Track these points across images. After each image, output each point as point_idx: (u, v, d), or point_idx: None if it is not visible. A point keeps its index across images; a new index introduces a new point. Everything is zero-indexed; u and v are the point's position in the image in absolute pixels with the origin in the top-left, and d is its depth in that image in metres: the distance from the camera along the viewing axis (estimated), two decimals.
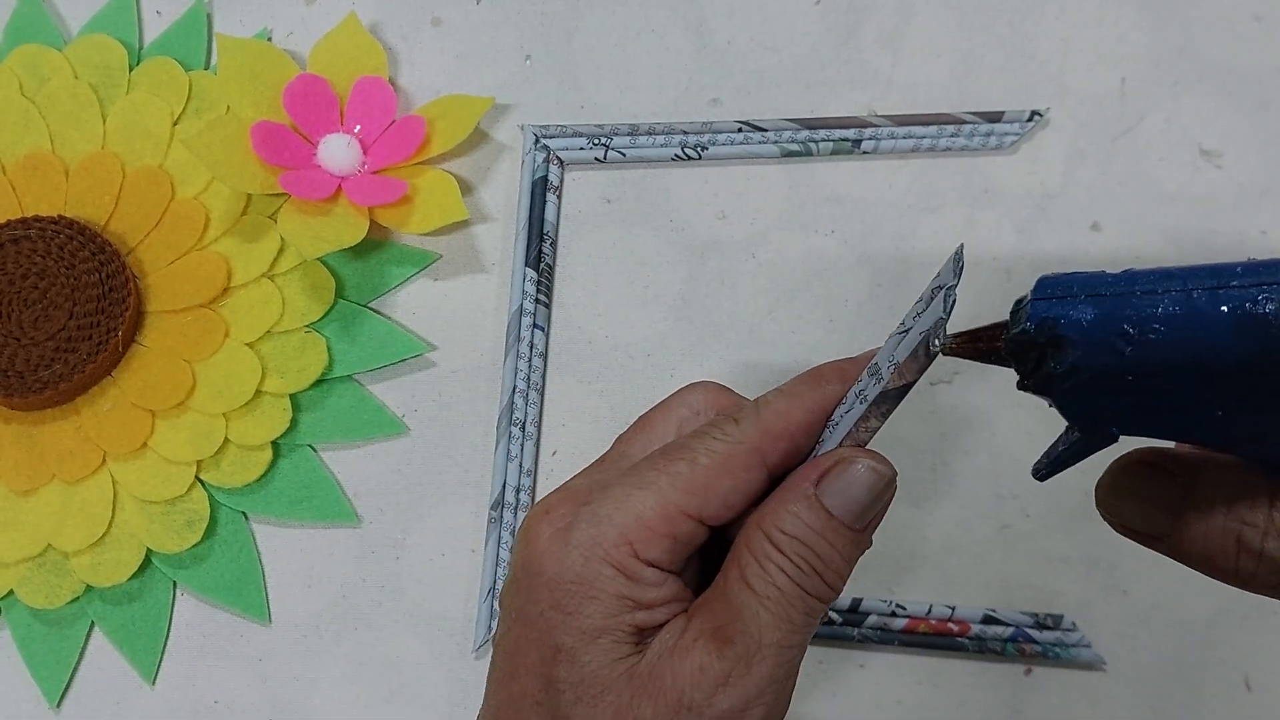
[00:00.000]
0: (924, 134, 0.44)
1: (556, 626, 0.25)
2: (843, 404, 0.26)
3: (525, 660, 0.25)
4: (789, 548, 0.24)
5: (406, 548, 0.41)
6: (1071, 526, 0.39)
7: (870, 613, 0.38)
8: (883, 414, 0.25)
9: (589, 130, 0.45)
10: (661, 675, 0.24)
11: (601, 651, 0.24)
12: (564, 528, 0.25)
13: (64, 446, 0.41)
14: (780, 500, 0.25)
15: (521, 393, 0.42)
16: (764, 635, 0.24)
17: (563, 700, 0.24)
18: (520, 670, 0.25)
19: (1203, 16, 0.45)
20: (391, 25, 0.48)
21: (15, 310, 0.42)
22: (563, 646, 0.25)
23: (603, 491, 0.26)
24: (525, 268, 0.43)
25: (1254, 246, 0.42)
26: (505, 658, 0.26)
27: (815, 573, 0.25)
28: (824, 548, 0.25)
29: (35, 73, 0.47)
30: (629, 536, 0.25)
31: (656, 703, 0.24)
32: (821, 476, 0.25)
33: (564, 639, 0.25)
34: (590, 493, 0.26)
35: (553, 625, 0.25)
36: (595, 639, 0.24)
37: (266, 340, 0.43)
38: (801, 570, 0.24)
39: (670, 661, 0.24)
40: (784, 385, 0.27)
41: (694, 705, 0.24)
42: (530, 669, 0.25)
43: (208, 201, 0.45)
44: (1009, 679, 0.38)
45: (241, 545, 0.41)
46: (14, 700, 0.40)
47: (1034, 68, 0.45)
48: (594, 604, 0.25)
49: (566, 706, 0.24)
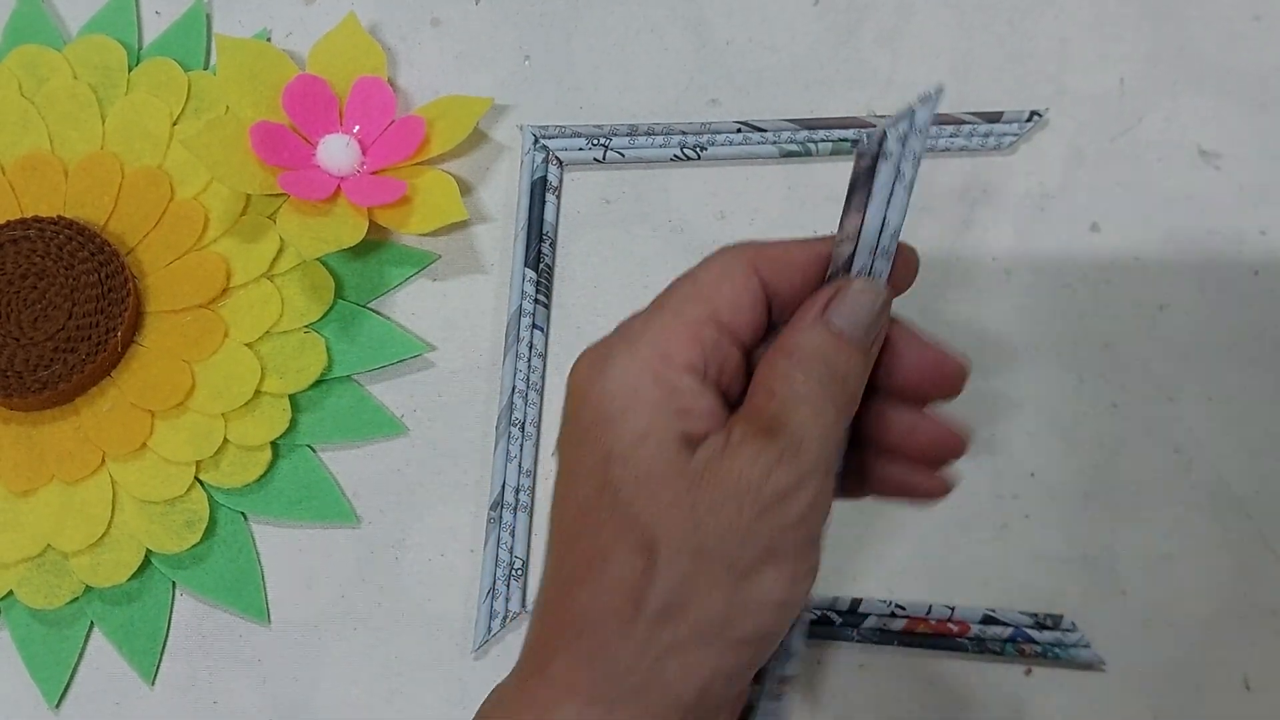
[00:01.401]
0: None
1: (605, 436, 0.26)
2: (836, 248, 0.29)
3: (579, 473, 0.27)
4: (809, 362, 0.27)
5: (406, 548, 0.41)
6: (1071, 526, 0.39)
7: (870, 613, 0.38)
8: (858, 207, 0.28)
9: (588, 130, 0.45)
10: (715, 468, 0.26)
11: (651, 451, 0.26)
12: (601, 358, 0.28)
13: (63, 447, 0.41)
14: (794, 328, 0.28)
15: (521, 393, 0.42)
16: (805, 429, 0.26)
17: (620, 498, 0.26)
18: (577, 483, 0.27)
19: (1202, 16, 0.45)
20: (391, 25, 0.48)
21: (14, 310, 0.42)
22: (614, 452, 0.26)
23: (629, 327, 0.28)
24: (525, 268, 0.43)
25: (1253, 246, 0.42)
26: (561, 483, 0.28)
27: (836, 381, 0.27)
28: (839, 361, 0.27)
29: (34, 73, 0.47)
30: (660, 349, 0.27)
31: (714, 489, 0.25)
32: (827, 304, 0.28)
33: (614, 445, 0.26)
34: (618, 332, 0.29)
35: (601, 437, 0.27)
36: (643, 440, 0.26)
37: (266, 340, 0.43)
38: (823, 380, 0.27)
39: (722, 457, 0.26)
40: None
41: (751, 485, 0.25)
42: (585, 477, 0.27)
43: (207, 202, 0.45)
44: (1009, 679, 0.38)
45: (241, 545, 0.41)
46: (13, 700, 0.40)
47: (1033, 67, 0.45)
48: (637, 412, 0.26)
49: (624, 503, 0.26)
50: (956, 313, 0.42)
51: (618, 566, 0.25)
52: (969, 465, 0.40)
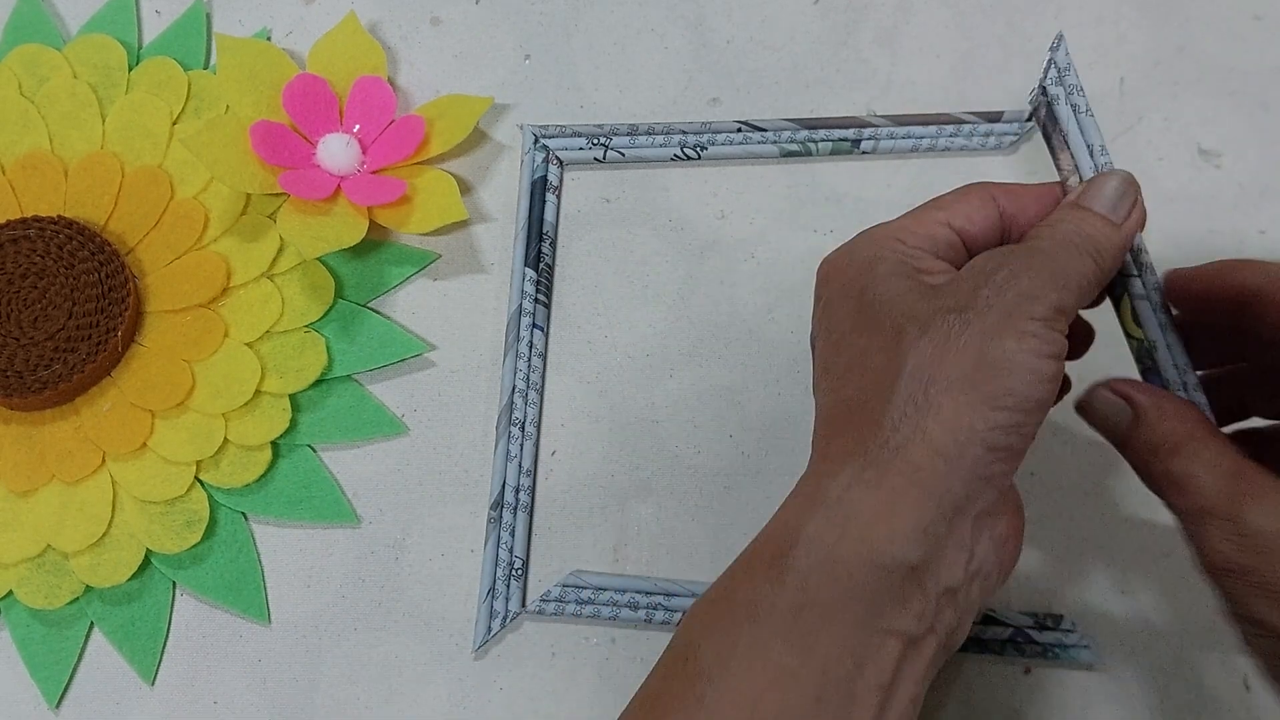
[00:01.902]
0: (923, 134, 0.44)
1: (855, 281, 0.30)
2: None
3: (839, 313, 0.30)
4: (1065, 225, 0.30)
5: (406, 548, 0.41)
6: (1071, 527, 0.39)
7: None
8: (1059, 146, 0.33)
9: (588, 130, 0.45)
10: (955, 278, 0.29)
11: (897, 282, 0.29)
12: (845, 246, 0.32)
13: (63, 447, 0.41)
14: (1048, 220, 0.30)
15: (521, 392, 0.42)
16: (1060, 253, 0.29)
17: (873, 312, 0.29)
18: (837, 319, 0.30)
19: (1202, 16, 0.45)
20: (391, 25, 0.48)
21: (15, 310, 0.42)
22: (866, 287, 0.30)
23: (868, 229, 0.32)
24: (525, 268, 0.43)
25: (1253, 246, 0.42)
26: (823, 330, 0.31)
27: (1091, 243, 0.29)
28: (1094, 228, 0.30)
29: (34, 72, 0.47)
30: (897, 234, 0.31)
31: (958, 291, 0.28)
32: (1078, 198, 0.31)
33: (867, 283, 0.30)
34: (858, 234, 0.32)
35: (851, 283, 0.30)
36: (889, 277, 0.30)
37: (266, 340, 0.43)
38: (1080, 235, 0.29)
39: (964, 269, 0.29)
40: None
41: (987, 272, 0.28)
42: (844, 312, 0.30)
43: (207, 201, 0.45)
44: (1008, 679, 0.38)
45: (241, 545, 0.41)
46: (13, 700, 0.40)
47: (1033, 67, 0.45)
48: (884, 261, 0.30)
49: (877, 313, 0.29)
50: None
51: (876, 356, 0.28)
52: None
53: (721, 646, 0.27)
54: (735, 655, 0.26)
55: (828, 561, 0.27)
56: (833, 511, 0.27)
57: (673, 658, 0.28)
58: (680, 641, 0.28)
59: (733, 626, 0.27)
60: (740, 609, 0.27)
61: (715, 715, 0.26)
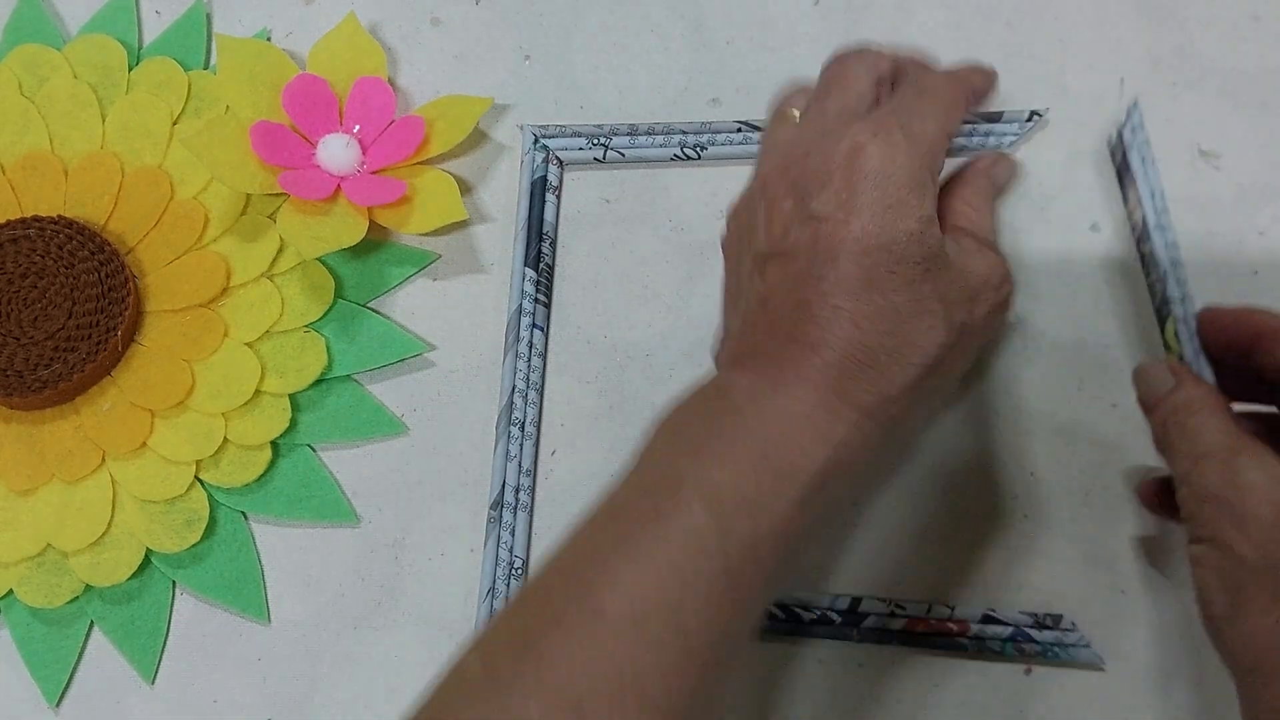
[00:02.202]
0: None
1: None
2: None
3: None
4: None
5: (406, 547, 0.41)
6: (1071, 526, 0.39)
7: (870, 612, 0.38)
8: (1129, 183, 0.39)
9: (588, 130, 0.45)
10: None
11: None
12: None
13: (63, 446, 0.41)
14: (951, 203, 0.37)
15: (520, 392, 0.42)
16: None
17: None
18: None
19: (1201, 16, 0.45)
20: (391, 25, 0.48)
21: (15, 310, 0.42)
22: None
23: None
24: (525, 267, 0.43)
25: (1253, 247, 0.42)
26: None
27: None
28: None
29: (34, 73, 0.47)
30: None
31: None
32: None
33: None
34: None
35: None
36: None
37: (266, 340, 0.43)
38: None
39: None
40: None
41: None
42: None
43: (207, 201, 0.45)
44: (1008, 679, 0.38)
45: (241, 545, 0.41)
46: (14, 700, 0.40)
47: (1032, 68, 0.45)
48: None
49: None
50: None
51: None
52: (969, 465, 0.40)
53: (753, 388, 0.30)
54: (761, 397, 0.30)
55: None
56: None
57: (712, 390, 0.31)
58: (714, 383, 0.32)
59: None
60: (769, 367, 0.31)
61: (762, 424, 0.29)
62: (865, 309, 0.30)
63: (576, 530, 0.29)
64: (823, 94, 0.35)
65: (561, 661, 0.25)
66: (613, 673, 0.25)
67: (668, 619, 0.25)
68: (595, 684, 0.25)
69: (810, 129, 0.34)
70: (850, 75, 0.35)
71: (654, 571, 0.26)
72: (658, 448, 0.30)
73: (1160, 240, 0.37)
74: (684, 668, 0.25)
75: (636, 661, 0.25)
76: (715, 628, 0.26)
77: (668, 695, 0.25)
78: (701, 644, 0.26)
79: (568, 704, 0.25)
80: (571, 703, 0.25)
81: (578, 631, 0.26)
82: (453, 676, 0.27)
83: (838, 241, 0.30)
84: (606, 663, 0.25)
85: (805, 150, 0.32)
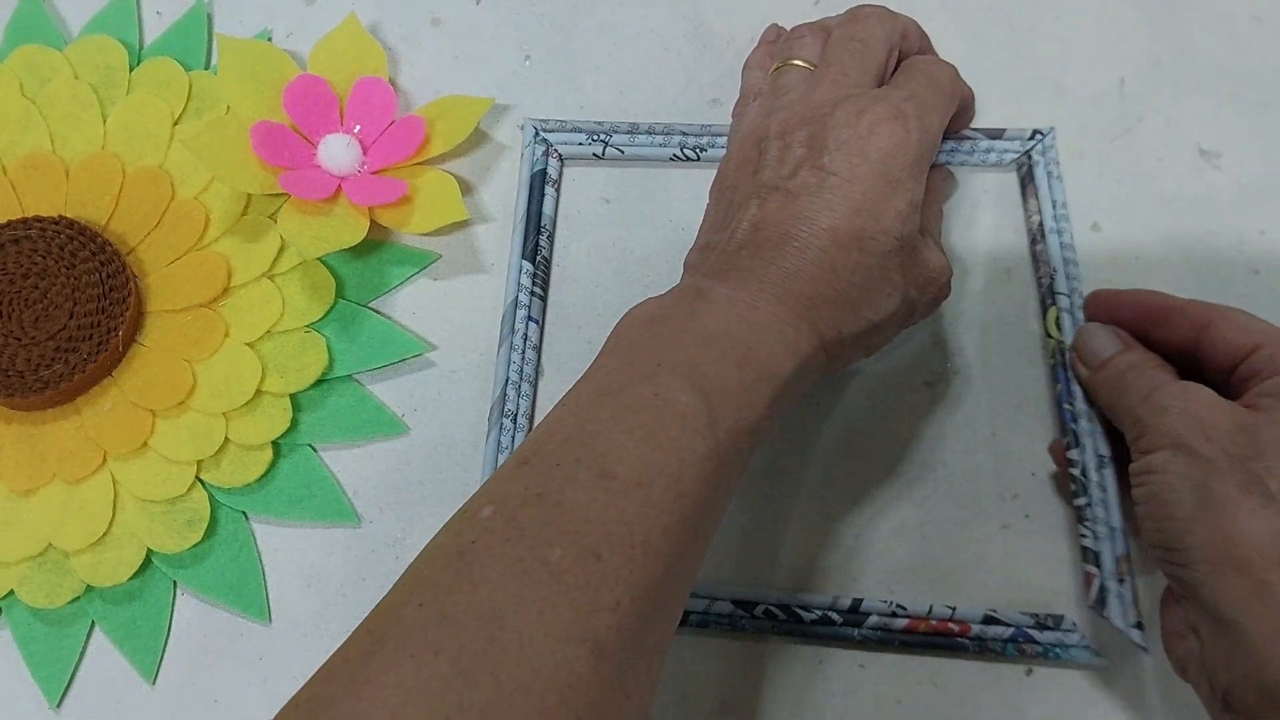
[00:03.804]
0: None
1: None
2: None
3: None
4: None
5: (406, 547, 0.41)
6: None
7: (870, 613, 0.38)
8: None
9: (588, 126, 0.45)
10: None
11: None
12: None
13: (64, 446, 0.41)
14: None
15: (514, 384, 0.42)
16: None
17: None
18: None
19: (1202, 17, 0.45)
20: (391, 25, 0.48)
21: (15, 310, 0.42)
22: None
23: None
24: (521, 260, 0.43)
25: (1253, 247, 0.42)
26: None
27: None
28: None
29: (35, 73, 0.47)
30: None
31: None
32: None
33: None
34: None
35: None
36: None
37: (266, 340, 0.43)
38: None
39: None
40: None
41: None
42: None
43: (208, 201, 0.45)
44: (1009, 679, 0.38)
45: (241, 545, 0.41)
46: (14, 700, 0.41)
47: (1033, 69, 0.45)
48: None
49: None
50: (958, 312, 0.42)
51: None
52: (969, 465, 0.40)
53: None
54: (741, 305, 0.33)
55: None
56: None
57: (681, 293, 0.34)
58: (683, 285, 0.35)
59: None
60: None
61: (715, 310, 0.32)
62: (845, 260, 0.33)
63: (571, 406, 0.31)
64: (843, 51, 0.38)
65: (579, 511, 0.27)
66: (624, 527, 0.27)
67: (668, 486, 0.28)
68: (610, 535, 0.27)
69: (833, 89, 0.37)
70: (873, 40, 0.38)
71: (655, 445, 0.29)
72: (643, 337, 0.33)
73: (1055, 242, 0.41)
74: (682, 528, 0.29)
75: (644, 519, 0.28)
76: (704, 497, 0.29)
77: (670, 549, 0.28)
78: (696, 509, 0.29)
79: (588, 550, 0.27)
80: (591, 549, 0.27)
81: (591, 489, 0.28)
82: (465, 522, 0.29)
83: (840, 197, 0.34)
84: (618, 518, 0.28)
85: (828, 110, 0.36)
